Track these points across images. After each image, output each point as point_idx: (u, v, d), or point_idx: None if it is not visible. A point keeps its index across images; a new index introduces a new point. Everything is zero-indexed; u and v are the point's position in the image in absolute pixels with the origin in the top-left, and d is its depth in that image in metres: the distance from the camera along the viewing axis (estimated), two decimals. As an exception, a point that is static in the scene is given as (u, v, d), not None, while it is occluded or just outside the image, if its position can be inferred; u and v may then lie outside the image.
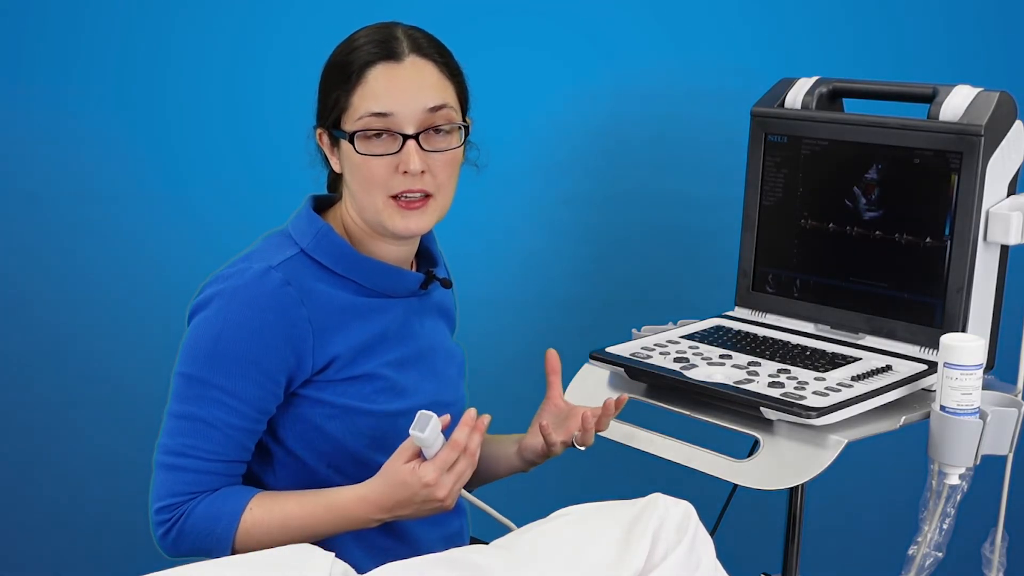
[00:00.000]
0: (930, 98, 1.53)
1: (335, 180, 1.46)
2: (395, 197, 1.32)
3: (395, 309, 1.41)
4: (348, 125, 1.32)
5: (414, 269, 1.47)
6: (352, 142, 1.31)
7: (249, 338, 1.28)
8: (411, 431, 1.27)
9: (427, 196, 1.33)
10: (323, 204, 1.43)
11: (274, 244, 1.36)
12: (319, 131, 1.38)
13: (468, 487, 1.38)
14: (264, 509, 1.31)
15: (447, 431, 1.30)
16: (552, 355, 1.49)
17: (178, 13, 2.01)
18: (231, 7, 2.02)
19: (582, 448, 1.45)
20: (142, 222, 2.08)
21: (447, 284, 1.48)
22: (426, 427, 1.26)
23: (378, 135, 1.31)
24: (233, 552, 1.29)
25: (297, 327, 1.31)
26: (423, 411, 1.27)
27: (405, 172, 1.31)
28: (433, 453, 1.28)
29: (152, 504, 1.32)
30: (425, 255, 1.48)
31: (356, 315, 1.36)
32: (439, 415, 1.39)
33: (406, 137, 1.30)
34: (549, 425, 1.44)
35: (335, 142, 1.36)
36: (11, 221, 2.08)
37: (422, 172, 1.31)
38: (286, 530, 1.31)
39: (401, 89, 1.31)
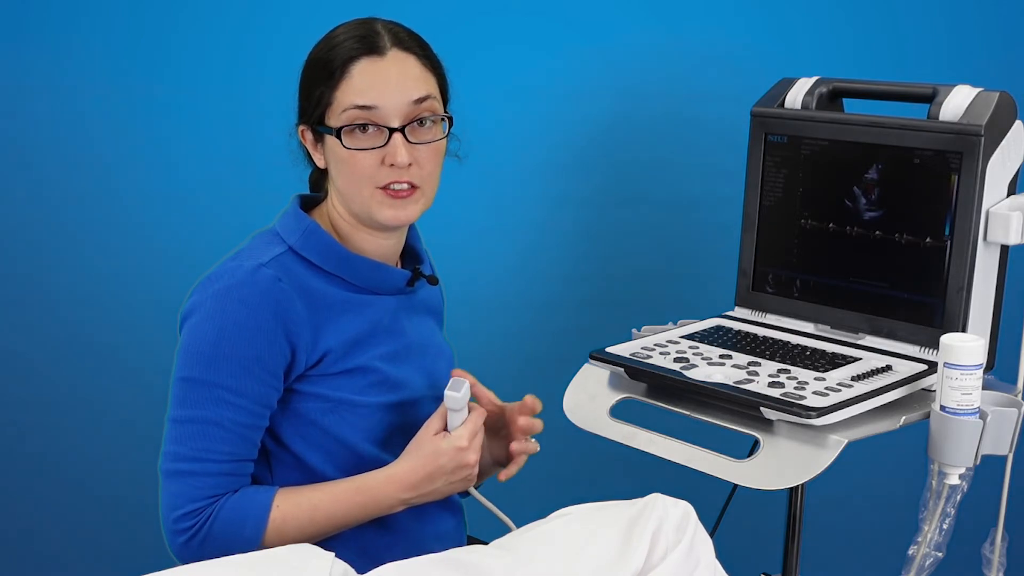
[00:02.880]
0: (930, 98, 1.53)
1: (318, 178, 1.46)
2: (383, 188, 1.34)
3: (385, 304, 1.41)
4: (333, 121, 1.33)
5: (400, 267, 1.47)
6: (339, 137, 1.32)
7: (248, 336, 1.29)
8: (446, 391, 1.32)
9: (414, 187, 1.35)
10: (310, 203, 1.44)
11: (262, 243, 1.37)
12: (301, 128, 1.39)
13: None
14: (291, 503, 1.31)
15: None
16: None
17: (177, 12, 2.01)
18: (228, 7, 2.02)
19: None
20: (140, 219, 2.08)
21: (433, 281, 1.49)
22: (461, 388, 1.32)
23: (364, 129, 1.32)
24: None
25: (292, 322, 1.31)
26: (456, 375, 1.35)
27: (392, 165, 1.32)
28: (459, 422, 1.33)
29: (168, 513, 1.30)
30: (411, 253, 1.49)
31: (347, 309, 1.37)
32: (431, 409, 1.40)
33: (392, 130, 1.32)
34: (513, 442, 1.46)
35: (319, 138, 1.37)
36: (8, 218, 2.08)
37: (409, 164, 1.32)
38: (315, 522, 1.31)
39: (385, 83, 1.32)
